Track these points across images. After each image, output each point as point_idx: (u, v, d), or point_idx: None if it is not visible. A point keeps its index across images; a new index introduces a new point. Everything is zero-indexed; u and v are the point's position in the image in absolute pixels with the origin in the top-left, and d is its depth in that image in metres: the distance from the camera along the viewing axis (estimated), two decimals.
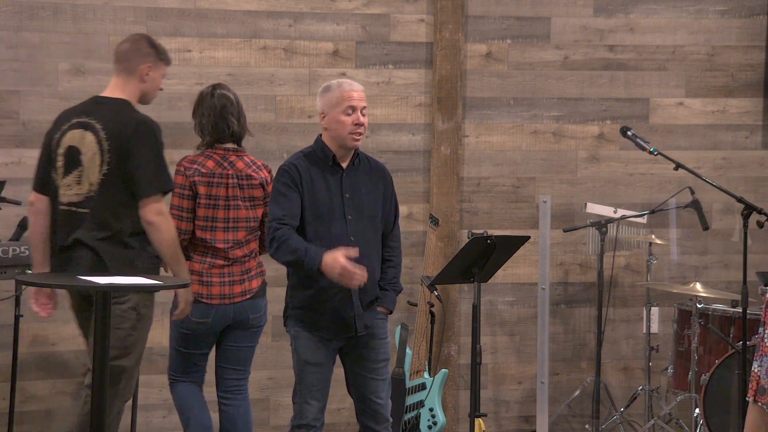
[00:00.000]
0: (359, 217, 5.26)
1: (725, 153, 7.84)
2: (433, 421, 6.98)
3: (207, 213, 5.73)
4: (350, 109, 5.23)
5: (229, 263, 5.76)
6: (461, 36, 7.40)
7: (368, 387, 5.36)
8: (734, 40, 7.80)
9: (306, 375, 5.27)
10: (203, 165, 5.74)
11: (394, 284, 5.43)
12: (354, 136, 5.24)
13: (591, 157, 7.69)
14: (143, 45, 5.51)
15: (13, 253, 6.01)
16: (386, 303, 5.39)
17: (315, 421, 5.29)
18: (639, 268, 7.73)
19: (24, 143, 6.84)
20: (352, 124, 5.23)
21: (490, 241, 6.14)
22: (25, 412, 6.86)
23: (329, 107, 5.26)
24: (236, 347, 5.90)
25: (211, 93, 5.85)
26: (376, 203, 5.34)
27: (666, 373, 7.36)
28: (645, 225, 7.44)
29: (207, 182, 5.72)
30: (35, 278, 5.21)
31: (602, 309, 7.29)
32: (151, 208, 5.29)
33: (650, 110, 7.74)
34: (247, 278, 5.79)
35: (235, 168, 5.76)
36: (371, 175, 5.37)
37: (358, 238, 5.24)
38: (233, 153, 5.79)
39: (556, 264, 7.62)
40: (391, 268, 5.42)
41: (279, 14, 7.21)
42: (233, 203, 5.73)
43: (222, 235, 5.74)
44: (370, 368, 5.35)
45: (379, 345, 5.37)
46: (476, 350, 6.46)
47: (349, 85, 5.30)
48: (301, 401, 5.28)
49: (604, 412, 7.39)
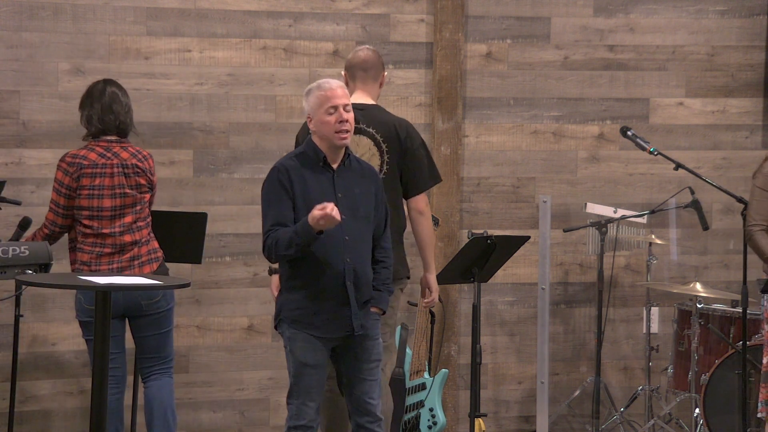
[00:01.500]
0: (354, 217, 5.26)
1: (725, 153, 7.84)
2: (433, 421, 6.98)
3: (92, 203, 5.87)
4: (332, 108, 5.23)
5: (117, 250, 5.88)
6: (461, 36, 7.39)
7: (361, 387, 5.36)
8: (734, 40, 7.80)
9: (304, 377, 5.27)
10: (85, 158, 5.88)
11: (387, 285, 5.43)
12: (340, 135, 5.24)
13: (591, 157, 7.69)
14: (378, 55, 6.08)
15: (13, 253, 6.00)
16: (379, 303, 5.39)
17: (312, 422, 5.30)
18: (639, 268, 7.73)
19: (24, 143, 6.84)
20: (336, 123, 5.23)
21: (490, 241, 6.15)
22: (25, 412, 6.85)
23: (313, 110, 5.29)
24: (143, 336, 6.00)
25: (102, 88, 5.99)
26: (369, 204, 5.35)
27: (666, 373, 7.36)
28: (645, 225, 7.44)
29: (90, 173, 5.86)
30: (35, 278, 5.22)
31: (602, 309, 7.29)
32: (423, 198, 5.95)
33: (650, 110, 7.74)
34: (137, 264, 5.89)
35: (119, 158, 5.91)
36: (363, 175, 5.37)
37: (352, 238, 5.24)
38: (117, 144, 5.95)
39: (556, 264, 7.62)
40: (384, 269, 5.42)
41: (279, 14, 7.21)
42: (119, 191, 5.88)
43: (108, 223, 5.88)
44: (363, 369, 5.35)
45: (373, 345, 5.37)
46: (476, 350, 6.47)
47: (328, 84, 5.29)
48: (299, 402, 5.28)
49: (604, 412, 7.39)
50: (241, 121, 7.16)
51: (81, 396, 6.96)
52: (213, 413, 6.36)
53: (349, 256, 5.22)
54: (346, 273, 5.22)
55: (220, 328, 7.15)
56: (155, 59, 7.02)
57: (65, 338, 6.93)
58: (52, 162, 6.85)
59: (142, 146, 5.99)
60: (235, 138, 7.13)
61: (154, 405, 6.01)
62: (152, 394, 6.03)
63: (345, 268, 5.21)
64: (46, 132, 6.88)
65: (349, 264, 5.22)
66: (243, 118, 7.17)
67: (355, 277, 5.24)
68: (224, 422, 7.01)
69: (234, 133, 7.15)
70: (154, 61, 7.02)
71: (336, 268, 5.20)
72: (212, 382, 6.98)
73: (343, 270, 5.21)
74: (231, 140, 7.13)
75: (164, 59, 7.03)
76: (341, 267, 5.21)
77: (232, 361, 7.18)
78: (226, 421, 7.11)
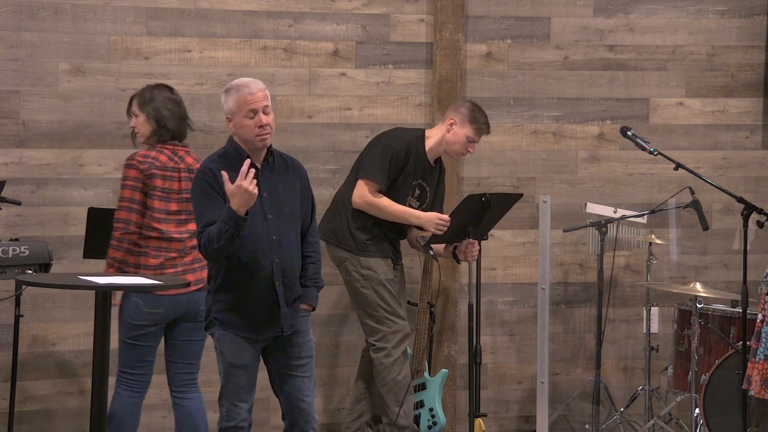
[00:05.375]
0: (279, 216, 5.24)
1: (725, 153, 7.84)
2: (433, 421, 6.98)
3: (162, 206, 5.82)
4: (251, 112, 5.15)
5: (182, 254, 5.84)
6: (461, 36, 7.40)
7: (294, 385, 5.33)
8: (734, 40, 7.80)
9: (233, 378, 5.25)
10: (156, 159, 5.83)
11: (316, 281, 5.39)
12: (261, 138, 5.19)
13: (591, 157, 7.69)
14: None
15: (13, 253, 6.01)
16: (308, 300, 5.35)
17: (243, 422, 5.28)
18: (639, 268, 7.73)
19: (24, 143, 6.84)
20: (255, 127, 5.17)
21: (485, 199, 6.20)
22: (25, 412, 6.86)
23: (232, 112, 5.20)
24: (188, 341, 5.96)
25: (169, 90, 5.98)
26: (295, 200, 5.31)
27: (666, 373, 7.36)
28: (645, 225, 7.44)
29: (161, 175, 5.81)
30: (35, 278, 5.22)
31: (602, 309, 7.29)
32: (357, 189, 6.74)
33: (650, 110, 7.74)
34: (198, 267, 5.86)
35: (185, 162, 5.88)
36: (287, 172, 5.32)
37: (280, 236, 5.21)
38: (181, 148, 5.92)
39: (556, 264, 7.62)
40: (312, 264, 5.38)
41: (279, 14, 7.21)
42: (185, 196, 5.82)
43: (175, 227, 5.83)
44: (294, 366, 5.33)
45: (303, 342, 5.35)
46: (474, 350, 6.48)
47: (247, 87, 5.19)
48: (228, 404, 5.27)
49: (604, 412, 7.40)
50: None
51: (81, 396, 6.96)
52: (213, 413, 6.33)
53: (276, 255, 5.19)
54: (275, 273, 5.19)
55: None
56: (155, 59, 7.02)
57: (65, 338, 6.93)
58: (52, 162, 6.87)
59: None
60: None
61: (197, 416, 6.03)
62: (194, 406, 6.02)
63: (273, 268, 5.19)
64: (46, 132, 6.88)
65: (277, 264, 5.19)
66: None
67: (284, 276, 5.22)
68: None
69: None
70: (154, 61, 7.02)
71: (264, 268, 5.17)
72: (212, 382, 6.97)
73: (272, 270, 5.18)
74: None
75: (164, 59, 7.04)
76: (269, 267, 5.18)
77: None
78: None
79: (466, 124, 6.70)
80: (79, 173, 6.93)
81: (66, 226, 6.88)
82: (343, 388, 7.34)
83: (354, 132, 7.15)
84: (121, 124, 6.95)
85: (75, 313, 6.91)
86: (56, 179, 6.90)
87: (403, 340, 6.67)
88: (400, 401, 6.60)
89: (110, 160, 6.94)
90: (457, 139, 6.71)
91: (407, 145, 6.65)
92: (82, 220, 6.38)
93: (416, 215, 6.62)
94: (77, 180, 6.93)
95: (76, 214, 6.80)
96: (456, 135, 6.71)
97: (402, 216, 6.64)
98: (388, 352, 6.62)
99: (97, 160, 6.95)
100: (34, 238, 6.64)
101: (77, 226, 6.73)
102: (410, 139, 6.70)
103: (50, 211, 6.89)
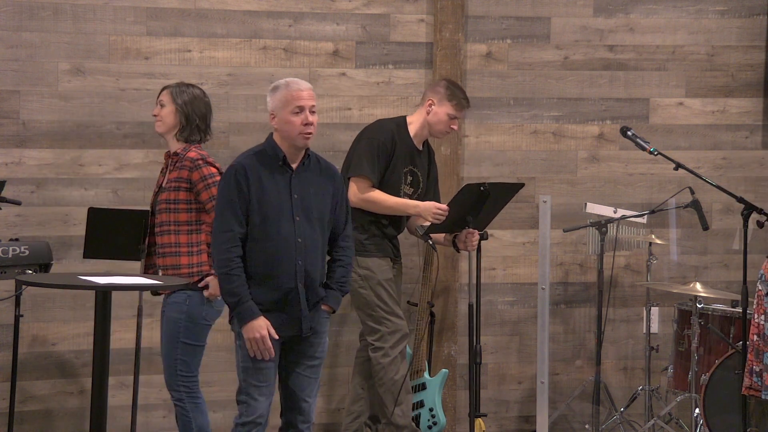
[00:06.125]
0: (307, 219, 5.26)
1: (725, 153, 7.84)
2: (433, 421, 6.98)
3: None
4: (298, 108, 5.22)
5: None
6: (461, 36, 7.40)
7: (299, 383, 5.36)
8: (734, 40, 7.80)
9: (254, 372, 5.27)
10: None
11: (342, 284, 5.42)
12: (304, 136, 5.24)
13: (591, 157, 7.69)
14: None
15: (13, 253, 6.01)
16: (330, 302, 5.37)
17: (260, 418, 5.30)
18: (639, 268, 7.73)
19: (24, 143, 6.84)
20: (301, 124, 5.22)
21: (483, 189, 6.19)
22: (25, 412, 6.86)
23: (278, 108, 5.26)
24: None
25: (203, 93, 5.99)
26: (325, 204, 5.33)
27: (666, 373, 7.36)
28: (645, 225, 7.44)
29: None
30: (35, 278, 5.22)
31: (602, 309, 7.29)
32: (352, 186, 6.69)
33: (650, 110, 7.74)
34: None
35: (215, 166, 5.90)
36: (321, 175, 5.35)
37: (305, 239, 5.24)
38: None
39: (556, 264, 7.62)
40: (341, 267, 5.41)
41: (279, 14, 7.21)
42: None
43: None
44: (305, 365, 5.35)
45: (319, 343, 5.37)
46: (474, 350, 6.47)
47: (297, 84, 5.27)
48: (248, 398, 5.28)
49: (604, 412, 7.39)
50: (241, 121, 7.16)
51: (81, 396, 6.96)
52: (213, 413, 6.34)
53: (300, 258, 5.22)
54: (298, 274, 5.22)
55: (219, 328, 7.13)
56: (155, 59, 7.02)
57: (65, 338, 6.93)
58: (52, 162, 6.87)
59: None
60: (235, 138, 7.13)
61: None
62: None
63: (297, 269, 5.21)
64: (46, 132, 6.88)
65: (301, 266, 5.22)
66: (243, 118, 7.17)
67: (306, 278, 5.25)
68: (224, 422, 7.00)
69: (234, 133, 7.15)
70: (154, 61, 7.02)
71: (288, 269, 5.20)
72: (212, 382, 6.97)
73: (295, 271, 5.21)
74: (231, 140, 7.13)
75: (164, 59, 7.04)
76: (293, 268, 5.21)
77: (232, 361, 7.16)
78: (226, 421, 7.10)
79: (445, 101, 6.70)
80: (79, 173, 6.93)
81: (66, 226, 6.88)
82: (343, 388, 7.34)
83: (354, 132, 7.14)
84: (121, 124, 6.95)
85: (75, 313, 6.91)
86: (56, 179, 6.90)
87: (401, 340, 6.67)
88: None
89: (110, 160, 6.95)
90: (438, 118, 6.71)
91: (391, 134, 6.66)
92: (82, 220, 6.37)
93: (413, 205, 6.62)
94: (77, 180, 6.93)
95: (76, 214, 6.80)
96: (437, 115, 6.72)
97: (399, 207, 6.64)
98: (386, 352, 6.62)
99: (97, 160, 6.95)
100: (34, 238, 6.64)
101: (77, 226, 6.73)
102: (392, 128, 6.70)
103: (50, 211, 6.89)
